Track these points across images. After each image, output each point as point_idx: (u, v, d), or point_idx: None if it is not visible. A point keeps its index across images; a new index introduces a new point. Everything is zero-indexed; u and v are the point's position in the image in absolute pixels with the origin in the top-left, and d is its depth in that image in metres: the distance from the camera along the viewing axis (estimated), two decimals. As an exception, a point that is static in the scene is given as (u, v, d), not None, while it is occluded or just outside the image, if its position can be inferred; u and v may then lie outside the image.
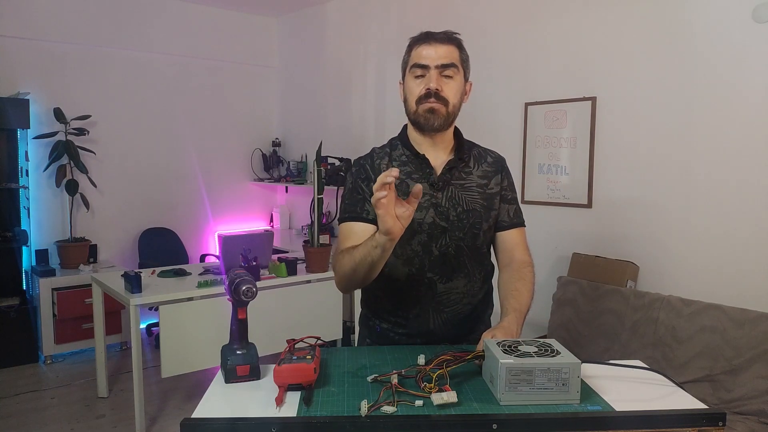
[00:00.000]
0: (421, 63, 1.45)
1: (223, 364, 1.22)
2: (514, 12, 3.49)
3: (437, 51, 1.44)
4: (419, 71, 1.46)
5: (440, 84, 1.44)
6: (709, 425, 1.02)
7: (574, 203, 3.22)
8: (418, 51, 1.47)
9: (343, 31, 4.80)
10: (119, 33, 4.60)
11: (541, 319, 3.16)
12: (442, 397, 1.05)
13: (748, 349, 2.32)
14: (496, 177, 1.56)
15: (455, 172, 1.52)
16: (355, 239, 1.43)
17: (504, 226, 1.56)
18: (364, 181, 1.52)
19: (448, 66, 1.45)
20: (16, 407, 3.34)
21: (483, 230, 1.52)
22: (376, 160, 1.54)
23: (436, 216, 1.49)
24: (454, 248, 1.50)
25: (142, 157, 4.80)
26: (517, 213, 1.58)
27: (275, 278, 3.32)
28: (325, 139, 4.27)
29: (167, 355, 2.92)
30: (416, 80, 1.47)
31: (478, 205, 1.51)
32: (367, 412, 1.01)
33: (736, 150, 2.61)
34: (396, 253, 1.51)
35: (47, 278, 4.01)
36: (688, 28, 2.73)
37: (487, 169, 1.56)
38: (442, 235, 1.49)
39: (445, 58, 1.44)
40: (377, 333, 1.60)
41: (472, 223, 1.50)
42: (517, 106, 3.47)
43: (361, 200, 1.52)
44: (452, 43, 1.47)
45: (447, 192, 1.50)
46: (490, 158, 1.59)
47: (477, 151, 1.60)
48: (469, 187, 1.52)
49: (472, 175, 1.54)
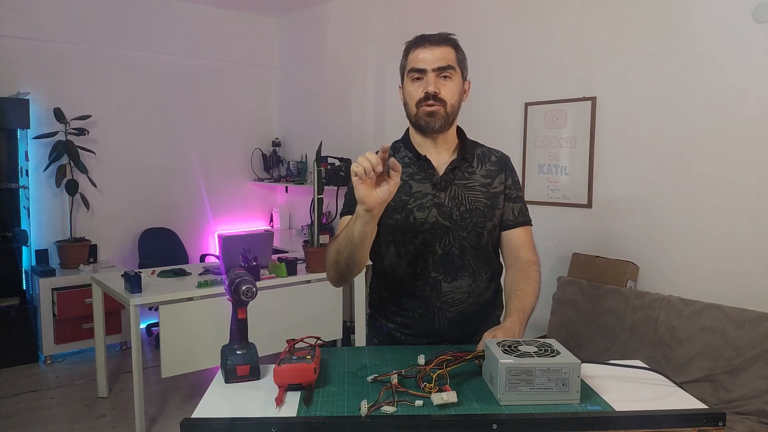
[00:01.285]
0: (418, 67, 1.46)
1: (223, 364, 1.22)
2: (514, 12, 3.49)
3: (433, 54, 1.45)
4: (417, 75, 1.46)
5: (438, 86, 1.45)
6: (709, 425, 1.02)
7: (574, 203, 3.22)
8: (414, 55, 1.47)
9: (343, 32, 4.80)
10: (119, 33, 4.60)
11: (541, 319, 3.16)
12: (442, 397, 1.05)
13: (748, 349, 2.32)
14: (500, 176, 1.57)
15: (458, 172, 1.53)
16: None
17: (509, 224, 1.56)
18: None
19: (444, 68, 1.45)
20: (16, 407, 3.34)
21: (487, 229, 1.52)
22: None
23: (439, 216, 1.50)
24: (458, 247, 1.50)
25: (142, 157, 4.80)
26: (522, 211, 1.58)
27: (275, 278, 3.32)
28: (325, 139, 4.26)
29: (167, 355, 2.92)
30: (414, 84, 1.47)
31: (482, 204, 1.52)
32: (367, 412, 1.01)
33: (736, 150, 2.61)
34: (399, 253, 1.53)
35: (47, 278, 4.01)
36: (688, 28, 2.73)
37: (491, 168, 1.57)
38: (445, 235, 1.50)
39: (442, 60, 1.45)
40: (384, 333, 1.61)
41: (475, 222, 1.51)
42: (517, 106, 3.47)
43: None
44: (448, 44, 1.48)
45: (450, 192, 1.51)
46: (494, 157, 1.60)
47: (481, 151, 1.60)
48: (473, 186, 1.53)
49: (476, 174, 1.54)
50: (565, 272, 3.14)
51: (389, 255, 1.55)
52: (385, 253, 1.56)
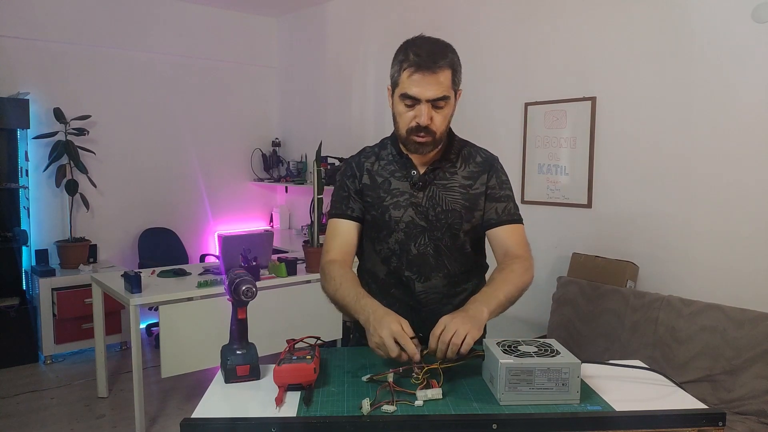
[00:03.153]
0: (412, 95, 1.37)
1: (223, 364, 1.22)
2: (514, 12, 3.49)
3: (429, 83, 1.35)
4: (410, 102, 1.39)
5: (430, 115, 1.39)
6: (709, 425, 1.02)
7: (574, 203, 3.22)
8: (409, 79, 1.37)
9: (343, 31, 4.80)
10: (119, 33, 4.60)
11: (541, 319, 3.17)
12: (426, 394, 1.06)
13: (748, 349, 2.32)
14: (482, 177, 1.53)
15: (439, 172, 1.51)
16: (339, 239, 1.52)
17: (492, 223, 1.52)
18: (349, 178, 1.56)
19: (439, 99, 1.38)
20: (16, 407, 3.34)
21: (463, 230, 1.50)
22: (363, 159, 1.57)
23: (415, 215, 1.49)
24: (433, 248, 1.50)
25: (142, 157, 4.80)
26: (507, 210, 1.53)
27: (275, 278, 3.32)
28: (325, 139, 4.27)
29: (167, 355, 2.92)
30: (406, 108, 1.41)
31: (459, 205, 1.50)
32: (369, 410, 1.01)
33: (735, 150, 2.61)
34: (375, 249, 1.55)
35: (47, 278, 4.00)
36: (688, 28, 2.73)
37: (474, 169, 1.54)
38: (421, 235, 1.50)
39: (438, 90, 1.36)
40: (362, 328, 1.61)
41: (450, 223, 1.49)
42: (517, 106, 3.47)
43: (345, 198, 1.55)
44: (446, 67, 1.37)
45: (428, 192, 1.50)
46: (480, 158, 1.56)
47: (467, 151, 1.56)
48: (451, 187, 1.51)
49: (457, 175, 1.52)
50: (565, 272, 3.14)
51: (367, 250, 1.58)
52: (365, 248, 1.58)
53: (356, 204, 1.54)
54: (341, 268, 1.45)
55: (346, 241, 1.53)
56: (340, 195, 1.56)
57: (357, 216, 1.54)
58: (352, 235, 1.53)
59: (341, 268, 1.45)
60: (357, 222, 1.54)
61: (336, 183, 1.60)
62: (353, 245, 1.54)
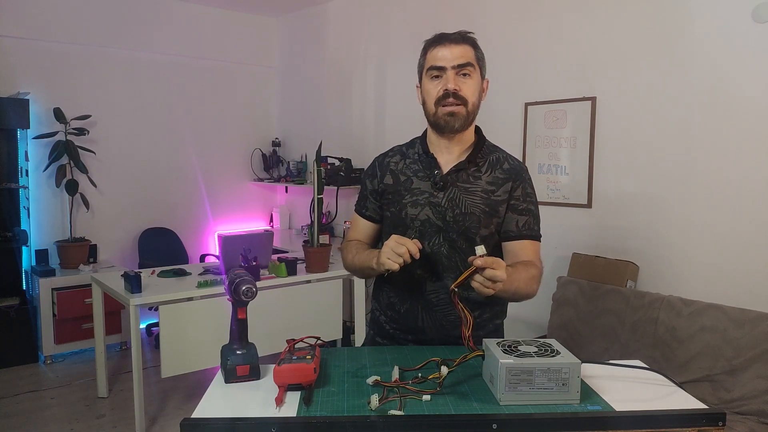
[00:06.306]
0: (438, 65, 1.45)
1: (223, 364, 1.22)
2: (514, 12, 3.49)
3: (452, 52, 1.44)
4: (436, 73, 1.46)
5: (458, 83, 1.44)
6: (709, 425, 1.02)
7: (574, 203, 3.22)
8: (433, 53, 1.46)
9: (343, 31, 4.80)
10: (119, 33, 4.59)
11: (541, 319, 3.16)
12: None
13: (748, 349, 2.32)
14: (506, 185, 1.51)
15: (462, 174, 1.51)
16: (356, 231, 1.66)
17: (510, 236, 1.52)
18: (370, 177, 1.63)
19: (464, 65, 1.44)
20: (16, 407, 3.34)
21: (480, 236, 1.49)
22: (388, 158, 1.61)
23: (432, 214, 1.49)
24: (447, 248, 1.50)
25: (142, 157, 4.80)
26: (527, 225, 1.52)
27: (275, 278, 3.32)
28: (325, 139, 4.26)
29: (167, 355, 2.92)
30: (433, 81, 1.47)
31: (479, 210, 1.49)
32: (378, 404, 1.02)
33: (736, 150, 2.61)
34: None
35: (47, 278, 4.00)
36: (688, 27, 2.73)
37: (500, 175, 1.52)
38: (435, 234, 1.50)
39: (461, 57, 1.44)
40: (377, 324, 1.64)
41: (467, 226, 1.48)
42: (517, 106, 3.47)
43: (364, 197, 1.64)
44: (467, 42, 1.47)
45: (449, 193, 1.50)
46: (507, 165, 1.55)
47: (495, 156, 1.56)
48: (473, 191, 1.50)
49: (481, 180, 1.51)
50: (565, 272, 3.14)
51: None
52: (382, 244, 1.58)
53: (371, 204, 1.62)
54: (358, 242, 1.62)
55: (362, 235, 1.65)
56: (361, 193, 1.67)
57: (370, 215, 1.63)
58: (367, 231, 1.65)
59: (358, 242, 1.62)
60: (370, 222, 1.64)
61: (363, 183, 1.69)
62: (368, 239, 1.65)
